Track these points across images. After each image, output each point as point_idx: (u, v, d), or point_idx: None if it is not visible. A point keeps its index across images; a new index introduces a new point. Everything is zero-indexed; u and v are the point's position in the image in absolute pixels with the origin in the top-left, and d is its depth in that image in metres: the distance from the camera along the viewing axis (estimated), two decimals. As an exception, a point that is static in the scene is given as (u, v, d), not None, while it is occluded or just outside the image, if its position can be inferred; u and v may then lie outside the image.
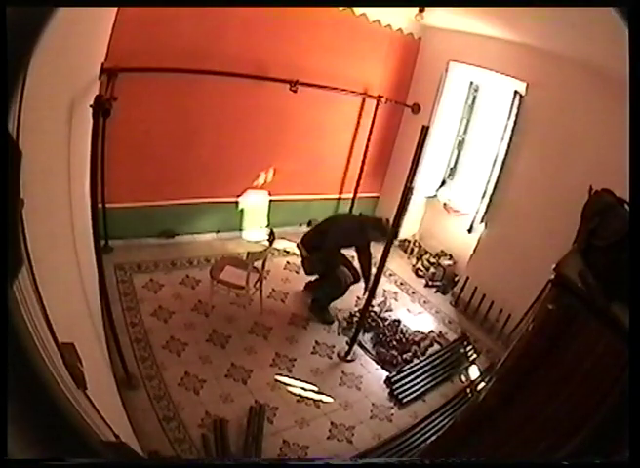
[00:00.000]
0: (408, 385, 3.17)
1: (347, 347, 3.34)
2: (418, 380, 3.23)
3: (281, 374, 3.04)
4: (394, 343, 3.54)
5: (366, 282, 3.66)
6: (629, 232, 1.18)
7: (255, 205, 4.51)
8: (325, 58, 4.16)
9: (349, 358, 3.33)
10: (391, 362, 3.37)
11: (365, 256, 3.68)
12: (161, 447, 2.36)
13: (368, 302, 3.24)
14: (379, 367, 3.33)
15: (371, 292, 3.21)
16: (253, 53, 3.74)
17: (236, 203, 4.39)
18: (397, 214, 2.85)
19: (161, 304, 3.40)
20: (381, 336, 3.58)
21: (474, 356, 3.64)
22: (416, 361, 3.42)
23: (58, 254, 1.41)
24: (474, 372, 3.48)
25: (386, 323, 3.74)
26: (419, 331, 3.75)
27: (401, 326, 3.75)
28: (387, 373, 3.25)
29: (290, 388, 2.95)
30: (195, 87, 3.61)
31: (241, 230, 4.55)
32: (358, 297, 3.91)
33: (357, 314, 3.68)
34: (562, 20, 2.47)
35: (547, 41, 3.26)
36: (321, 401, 2.92)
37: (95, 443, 0.70)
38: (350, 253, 3.74)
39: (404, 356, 3.44)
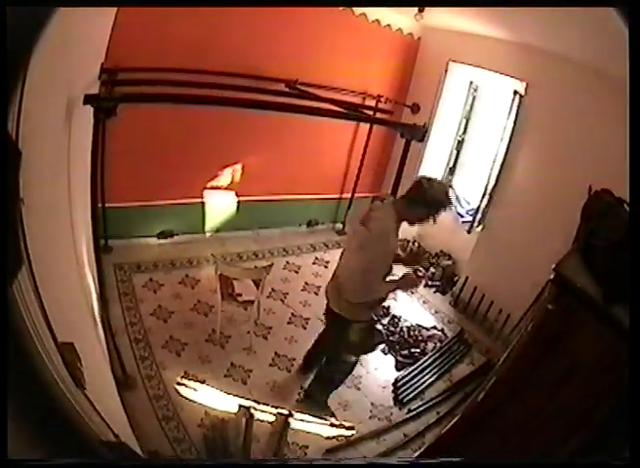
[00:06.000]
0: (408, 385, 3.17)
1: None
2: (418, 379, 3.23)
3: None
4: (408, 338, 3.61)
5: None
6: (629, 232, 1.18)
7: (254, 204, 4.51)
8: (324, 58, 4.16)
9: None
10: (404, 356, 3.44)
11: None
12: (160, 446, 2.36)
13: None
14: (378, 366, 3.33)
15: None
16: (252, 53, 3.73)
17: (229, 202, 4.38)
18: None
19: (160, 304, 3.40)
20: (392, 331, 3.67)
21: (473, 356, 3.63)
22: (421, 360, 3.43)
23: (58, 254, 1.41)
24: (473, 372, 3.48)
25: (397, 320, 3.83)
26: (426, 329, 3.79)
27: (411, 324, 3.81)
28: (387, 372, 3.25)
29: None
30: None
31: (241, 230, 4.55)
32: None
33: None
34: (562, 20, 2.47)
35: (547, 41, 3.25)
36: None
37: (94, 442, 0.70)
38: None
39: (412, 351, 3.49)
